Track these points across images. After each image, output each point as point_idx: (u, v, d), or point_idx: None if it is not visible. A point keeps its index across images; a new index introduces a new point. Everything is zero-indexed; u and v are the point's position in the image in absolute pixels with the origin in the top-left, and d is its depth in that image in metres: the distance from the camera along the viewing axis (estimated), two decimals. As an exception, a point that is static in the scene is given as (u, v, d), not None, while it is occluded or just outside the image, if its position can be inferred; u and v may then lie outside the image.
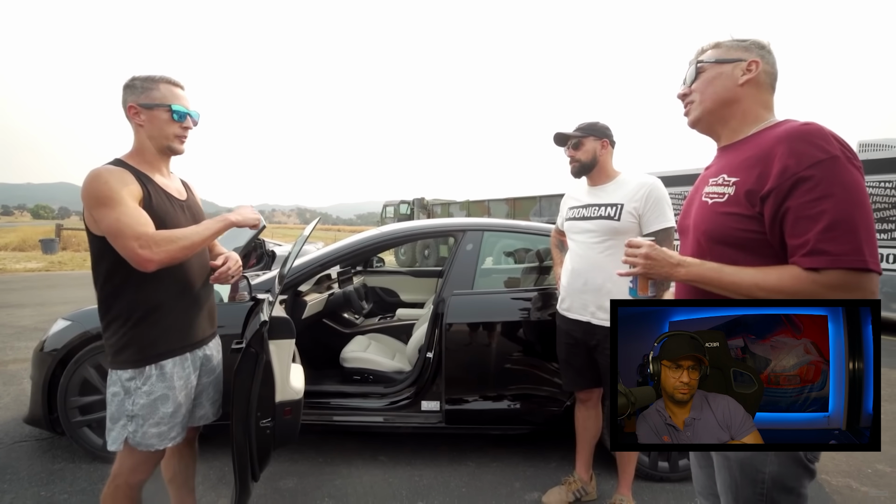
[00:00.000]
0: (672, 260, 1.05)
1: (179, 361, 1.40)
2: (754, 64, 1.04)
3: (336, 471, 2.33)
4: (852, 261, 0.87)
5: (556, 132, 1.97)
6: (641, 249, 1.09)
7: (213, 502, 2.03)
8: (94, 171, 1.26)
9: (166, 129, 1.36)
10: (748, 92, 1.05)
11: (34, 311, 6.18)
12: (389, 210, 16.50)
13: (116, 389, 1.34)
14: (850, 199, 0.87)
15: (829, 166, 0.88)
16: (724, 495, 1.07)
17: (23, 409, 2.77)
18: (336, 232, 37.45)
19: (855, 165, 0.89)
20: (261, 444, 1.56)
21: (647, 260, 1.08)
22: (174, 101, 1.36)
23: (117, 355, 1.33)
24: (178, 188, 1.47)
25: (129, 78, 1.35)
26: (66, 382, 2.27)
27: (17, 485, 2.14)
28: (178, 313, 1.40)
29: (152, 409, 1.34)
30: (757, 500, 1.01)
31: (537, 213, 11.11)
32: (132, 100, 1.33)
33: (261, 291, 2.20)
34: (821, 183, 0.88)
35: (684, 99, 1.15)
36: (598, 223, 1.87)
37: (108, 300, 1.33)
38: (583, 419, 2.09)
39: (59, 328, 2.39)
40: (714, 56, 1.08)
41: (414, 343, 2.74)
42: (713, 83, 1.08)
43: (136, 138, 1.38)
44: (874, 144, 6.53)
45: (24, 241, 16.40)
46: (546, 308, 2.28)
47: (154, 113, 1.34)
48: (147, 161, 1.38)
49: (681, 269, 1.04)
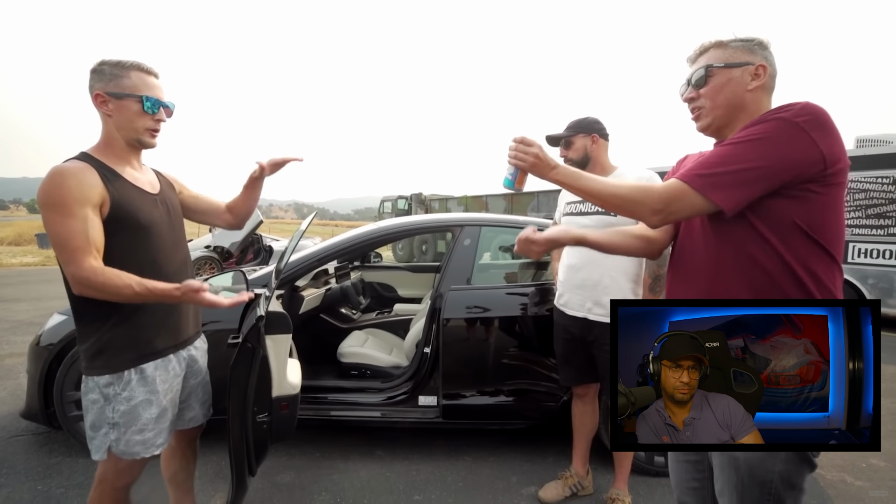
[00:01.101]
0: (550, 163, 1.12)
1: (162, 364, 1.32)
2: (762, 69, 1.03)
3: (333, 465, 2.33)
4: (686, 176, 1.00)
5: (547, 135, 1.98)
6: (533, 149, 1.12)
7: (209, 497, 2.04)
8: (55, 169, 1.16)
9: (136, 122, 1.25)
10: (756, 97, 1.05)
11: (30, 305, 6.15)
12: (387, 205, 16.45)
13: (95, 396, 1.26)
14: (749, 143, 0.96)
15: (764, 120, 0.96)
16: (728, 496, 1.06)
17: (19, 403, 2.77)
18: (333, 227, 37.38)
19: (794, 123, 0.93)
20: (258, 438, 1.56)
21: (536, 160, 1.12)
22: (146, 91, 1.25)
23: (92, 360, 1.25)
24: (150, 181, 1.37)
25: (98, 62, 1.24)
26: (62, 377, 2.27)
27: (13, 479, 2.13)
28: (156, 313, 1.30)
29: (134, 415, 1.27)
30: (764, 500, 1.01)
31: (535, 208, 11.10)
32: (99, 87, 1.22)
33: (257, 286, 2.19)
34: (746, 130, 0.98)
35: (691, 103, 1.12)
36: (595, 218, 1.87)
37: (76, 299, 1.23)
38: (580, 414, 2.09)
39: (55, 322, 2.38)
40: (723, 59, 1.06)
41: (411, 338, 2.74)
42: (724, 90, 1.06)
43: (103, 129, 1.27)
44: (872, 140, 6.53)
45: (20, 236, 16.33)
46: (543, 303, 2.28)
47: (123, 103, 1.23)
48: (115, 154, 1.28)
49: (555, 171, 1.11)
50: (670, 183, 1.03)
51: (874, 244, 5.46)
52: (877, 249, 5.46)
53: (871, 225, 5.44)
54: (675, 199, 1.01)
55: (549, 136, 1.98)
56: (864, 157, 5.50)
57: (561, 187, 1.16)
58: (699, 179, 0.99)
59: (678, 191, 1.01)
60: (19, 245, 15.31)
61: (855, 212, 5.52)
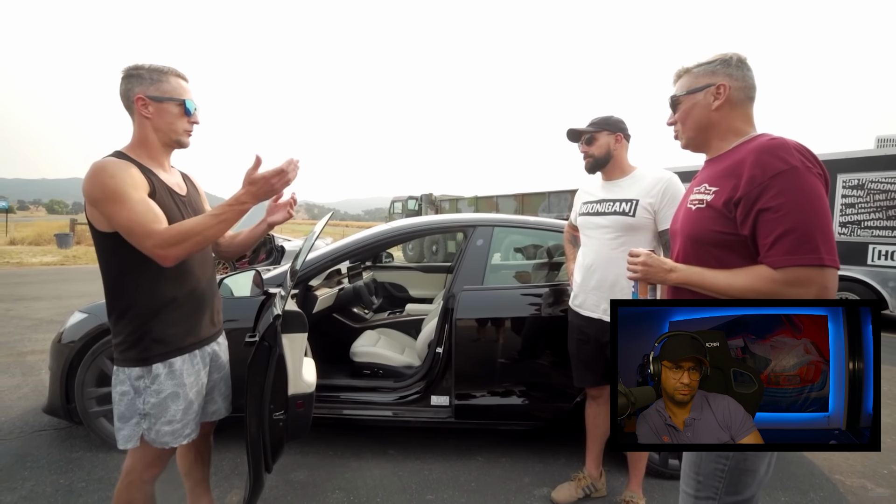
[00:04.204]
0: (666, 266, 1.17)
1: (188, 359, 1.38)
2: (723, 87, 1.13)
3: (346, 464, 2.35)
4: (808, 259, 0.96)
5: (569, 128, 1.95)
6: (640, 258, 1.21)
7: (225, 493, 2.07)
8: (99, 164, 1.21)
9: (176, 124, 1.32)
10: (724, 113, 1.15)
11: (50, 303, 6.30)
12: (397, 206, 16.50)
13: (125, 388, 1.31)
14: (807, 203, 0.97)
15: (789, 175, 0.98)
16: (688, 470, 1.15)
17: (41, 399, 2.84)
18: (344, 227, 37.61)
19: (814, 173, 0.99)
20: (274, 436, 1.58)
21: (645, 267, 1.20)
22: (185, 95, 1.33)
23: (125, 353, 1.31)
24: (178, 183, 1.43)
25: (133, 66, 1.29)
26: (83, 373, 2.32)
27: (36, 472, 2.19)
28: (185, 310, 1.37)
29: (163, 407, 1.33)
30: (716, 475, 1.08)
31: (546, 208, 11.05)
32: (140, 90, 1.27)
33: (272, 286, 2.22)
34: (782, 191, 0.98)
35: (673, 126, 1.26)
36: (612, 219, 1.85)
37: (114, 296, 1.30)
38: (593, 416, 2.08)
39: (76, 320, 2.44)
40: (685, 87, 1.19)
41: (423, 338, 2.75)
42: (690, 114, 1.19)
43: (138, 130, 1.32)
44: (893, 140, 6.39)
45: (40, 236, 16.71)
46: (557, 304, 2.28)
47: (164, 106, 1.29)
48: (149, 155, 1.33)
49: (673, 273, 1.16)
50: (796, 271, 0.99)
51: (895, 246, 5.32)
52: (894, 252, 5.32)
53: (892, 227, 5.31)
54: (808, 283, 0.98)
55: (571, 129, 1.95)
56: (885, 158, 5.37)
57: (689, 288, 1.14)
58: (817, 257, 0.97)
59: (809, 276, 0.98)
60: (39, 245, 15.67)
61: (875, 213, 5.39)
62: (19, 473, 2.18)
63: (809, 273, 0.96)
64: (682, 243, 1.20)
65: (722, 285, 1.06)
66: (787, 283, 0.98)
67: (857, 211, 5.50)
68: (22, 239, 16.39)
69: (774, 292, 0.99)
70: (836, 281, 0.99)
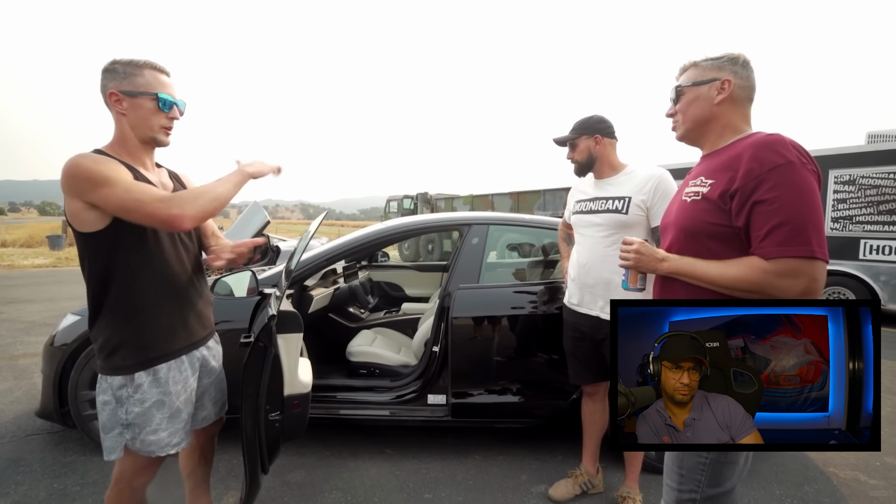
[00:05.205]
0: (658, 255, 1.20)
1: (175, 365, 1.33)
2: (727, 83, 1.15)
3: (343, 464, 2.34)
4: (800, 251, 0.98)
5: (553, 138, 1.99)
6: (633, 246, 1.24)
7: (222, 494, 2.06)
8: (76, 157, 1.15)
9: (151, 120, 1.25)
10: (724, 109, 1.17)
11: (43, 306, 6.24)
12: (393, 205, 16.47)
13: (107, 398, 1.26)
14: (801, 197, 0.99)
15: (785, 170, 1.00)
16: (671, 464, 1.16)
17: (34, 402, 2.81)
18: (340, 227, 37.52)
19: (809, 169, 1.02)
20: (270, 437, 1.57)
21: (638, 255, 1.22)
22: (160, 89, 1.25)
23: (106, 360, 1.26)
24: (163, 182, 1.36)
25: (110, 61, 1.23)
26: (76, 376, 2.30)
27: (30, 476, 2.17)
28: (168, 314, 1.32)
29: (147, 416, 1.27)
30: (698, 468, 1.10)
31: (541, 206, 11.07)
32: (113, 85, 1.21)
33: (268, 286, 2.20)
34: (777, 184, 1.00)
35: (672, 117, 1.28)
36: (605, 217, 1.86)
37: (94, 299, 1.25)
38: (589, 412, 2.09)
39: (69, 323, 2.41)
40: (691, 78, 1.21)
41: (420, 337, 2.75)
42: (692, 105, 1.20)
43: (117, 128, 1.26)
44: (883, 135, 6.45)
45: (32, 238, 16.54)
46: (552, 301, 2.28)
47: (138, 101, 1.23)
48: (129, 153, 1.27)
49: (664, 263, 1.18)
50: (787, 262, 1.01)
51: (886, 241, 5.38)
52: (889, 246, 5.38)
53: (884, 221, 5.37)
54: (798, 275, 1.00)
55: (555, 138, 1.99)
56: (876, 153, 5.42)
57: (679, 278, 1.16)
58: (808, 249, 0.99)
59: (799, 267, 1.00)
60: (31, 247, 15.51)
61: (866, 208, 5.45)
62: (12, 478, 2.15)
63: (800, 265, 0.98)
64: (674, 235, 1.22)
65: (713, 275, 1.07)
66: (778, 274, 0.99)
67: (849, 206, 5.55)
68: (13, 241, 16.19)
69: (765, 282, 1.01)
70: (825, 274, 1.01)
